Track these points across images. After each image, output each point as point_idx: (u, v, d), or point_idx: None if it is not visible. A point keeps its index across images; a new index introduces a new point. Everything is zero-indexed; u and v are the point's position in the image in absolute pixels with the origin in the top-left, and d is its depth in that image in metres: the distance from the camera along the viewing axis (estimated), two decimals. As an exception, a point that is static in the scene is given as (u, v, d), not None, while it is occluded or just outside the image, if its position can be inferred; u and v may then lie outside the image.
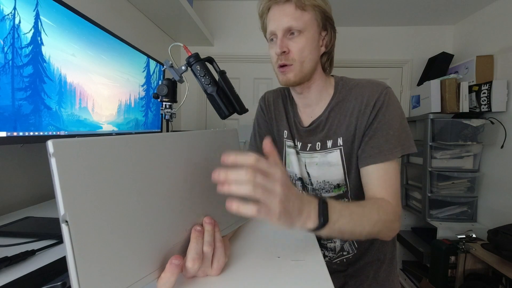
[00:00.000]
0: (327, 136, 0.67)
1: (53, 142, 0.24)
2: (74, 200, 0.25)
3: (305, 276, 0.38)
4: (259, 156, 0.36)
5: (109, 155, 0.28)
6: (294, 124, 0.75)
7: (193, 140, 0.39)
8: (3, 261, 0.39)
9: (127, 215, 0.29)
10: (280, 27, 0.62)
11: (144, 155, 0.32)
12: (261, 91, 2.17)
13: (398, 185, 0.60)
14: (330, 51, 0.68)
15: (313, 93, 0.69)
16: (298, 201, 0.40)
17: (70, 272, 0.24)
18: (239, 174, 0.34)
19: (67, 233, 0.24)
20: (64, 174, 0.24)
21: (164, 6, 1.43)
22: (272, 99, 0.83)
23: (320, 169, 0.69)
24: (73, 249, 0.24)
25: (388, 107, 0.61)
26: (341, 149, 0.65)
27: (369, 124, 0.62)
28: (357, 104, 0.63)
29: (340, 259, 0.73)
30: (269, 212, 0.36)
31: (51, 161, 0.24)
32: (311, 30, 0.62)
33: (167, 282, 0.31)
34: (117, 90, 0.99)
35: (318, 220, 0.41)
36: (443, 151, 1.82)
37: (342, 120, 0.65)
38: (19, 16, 0.59)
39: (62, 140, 0.24)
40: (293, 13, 0.60)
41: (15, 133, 0.60)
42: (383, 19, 2.12)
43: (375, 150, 0.60)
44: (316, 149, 0.69)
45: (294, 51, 0.62)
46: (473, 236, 1.64)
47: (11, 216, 0.64)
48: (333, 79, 0.71)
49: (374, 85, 0.63)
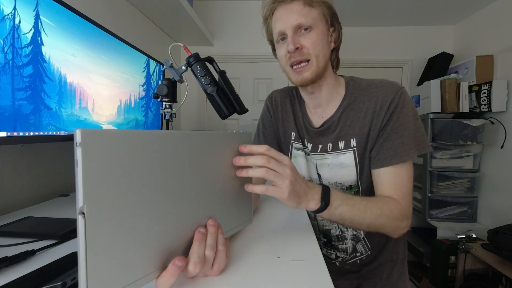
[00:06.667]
0: (339, 137, 0.67)
1: (81, 132, 0.23)
2: (94, 193, 0.25)
3: (305, 276, 0.38)
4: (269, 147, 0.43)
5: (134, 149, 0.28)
6: (303, 125, 0.74)
7: (210, 140, 0.39)
8: (3, 261, 0.39)
9: (141, 212, 0.29)
10: (289, 25, 0.60)
11: (164, 152, 0.32)
12: (261, 91, 2.17)
13: (410, 185, 0.60)
14: (338, 47, 0.68)
15: (324, 92, 0.68)
16: (305, 185, 0.47)
17: (80, 263, 0.24)
18: (256, 159, 0.42)
19: (82, 225, 0.24)
20: (88, 165, 0.24)
21: (164, 6, 1.43)
22: (280, 100, 0.81)
23: (332, 170, 0.68)
24: (86, 241, 0.24)
25: (403, 108, 0.60)
26: (355, 150, 0.65)
27: (383, 126, 0.61)
28: (372, 105, 0.62)
29: (353, 260, 0.73)
30: (281, 191, 0.43)
31: (76, 151, 0.24)
32: (320, 25, 0.62)
33: (167, 282, 0.32)
34: (117, 90, 0.99)
35: (320, 202, 0.48)
36: (443, 151, 1.82)
37: (355, 121, 0.65)
38: (19, 16, 0.59)
39: (90, 130, 0.24)
40: (301, 10, 0.60)
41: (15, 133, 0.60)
42: (383, 19, 2.12)
43: (391, 152, 0.59)
44: (328, 150, 0.68)
45: (307, 46, 0.61)
46: (473, 236, 1.64)
47: (11, 216, 0.64)
48: (343, 79, 0.70)
49: (388, 85, 0.63)
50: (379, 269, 0.72)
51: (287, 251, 0.45)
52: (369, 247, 0.71)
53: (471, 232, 1.66)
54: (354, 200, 0.53)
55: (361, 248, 0.71)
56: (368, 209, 0.53)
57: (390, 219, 0.55)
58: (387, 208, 0.55)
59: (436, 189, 1.82)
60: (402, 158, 0.59)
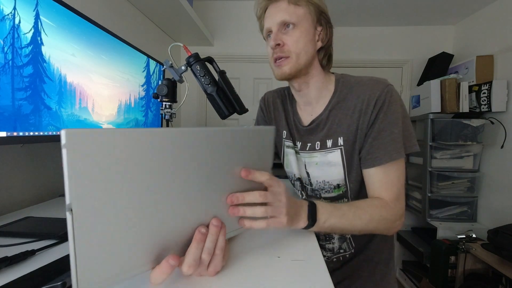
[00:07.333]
0: (327, 136, 0.67)
1: (66, 132, 0.24)
2: (81, 192, 0.25)
3: (305, 276, 0.38)
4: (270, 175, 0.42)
5: (120, 148, 0.28)
6: (293, 124, 0.75)
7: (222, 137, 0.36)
8: (3, 261, 0.39)
9: (132, 209, 0.29)
10: (274, 22, 0.63)
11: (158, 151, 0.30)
12: (261, 91, 2.17)
13: (401, 184, 0.61)
14: (327, 46, 0.68)
15: (312, 90, 0.69)
16: (295, 205, 0.48)
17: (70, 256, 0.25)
18: (254, 197, 0.41)
19: (70, 221, 0.25)
20: (73, 165, 0.25)
21: (164, 6, 1.43)
22: (272, 100, 0.83)
23: (320, 169, 0.69)
24: (74, 237, 0.25)
25: (390, 106, 0.60)
26: (342, 149, 0.65)
27: (371, 124, 0.61)
28: (359, 103, 0.62)
29: (337, 257, 0.73)
30: (279, 221, 0.44)
31: (62, 151, 0.24)
32: (305, 24, 0.63)
33: (159, 277, 0.32)
34: (117, 90, 0.99)
35: (307, 220, 0.49)
36: (443, 151, 1.82)
37: (342, 119, 0.65)
38: (19, 16, 0.59)
39: (74, 131, 0.24)
40: (287, 8, 0.62)
41: (15, 133, 0.60)
42: (383, 19, 2.12)
43: (381, 151, 0.59)
44: (316, 149, 0.69)
45: (289, 43, 0.63)
46: (473, 236, 1.64)
47: (11, 216, 0.64)
48: (334, 76, 0.70)
49: (375, 82, 0.62)
50: (359, 267, 0.72)
51: (287, 251, 0.46)
52: (353, 245, 0.71)
53: (471, 232, 1.66)
54: (343, 210, 0.53)
55: (346, 246, 0.72)
56: (357, 216, 0.54)
57: (380, 222, 0.56)
58: (376, 213, 0.56)
59: (436, 189, 1.82)
60: (392, 157, 0.58)
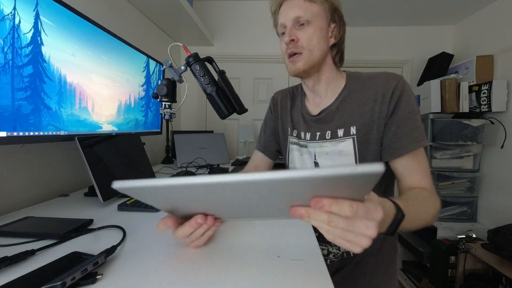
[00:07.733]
0: (339, 125, 0.67)
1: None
2: None
3: (305, 276, 0.38)
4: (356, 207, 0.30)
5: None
6: (301, 115, 0.76)
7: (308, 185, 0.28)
8: (3, 261, 0.39)
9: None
10: (289, 18, 0.65)
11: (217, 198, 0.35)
12: (261, 91, 2.17)
13: (429, 169, 0.62)
14: (339, 43, 0.70)
15: (323, 85, 0.70)
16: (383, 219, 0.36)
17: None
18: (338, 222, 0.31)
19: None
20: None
21: (164, 6, 1.43)
22: (280, 98, 0.85)
23: (330, 158, 0.69)
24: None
25: (409, 95, 0.61)
26: (354, 138, 0.65)
27: (390, 113, 0.62)
28: (372, 93, 0.64)
29: (341, 256, 0.73)
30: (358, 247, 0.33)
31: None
32: (319, 20, 0.64)
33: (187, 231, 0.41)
34: (117, 90, 0.99)
35: (384, 230, 0.42)
36: (443, 151, 1.81)
37: (355, 109, 0.66)
38: (19, 16, 0.59)
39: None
40: (301, 5, 0.63)
41: (15, 133, 0.60)
42: (383, 19, 2.12)
43: (408, 138, 0.60)
44: (326, 138, 0.69)
45: (302, 39, 0.64)
46: (473, 236, 1.64)
47: (11, 216, 0.64)
48: (345, 74, 0.72)
49: (388, 74, 0.64)
50: (361, 267, 0.72)
51: (287, 250, 0.45)
52: None
53: (471, 232, 1.66)
54: (417, 213, 0.49)
55: None
56: (426, 213, 0.51)
57: (438, 214, 0.55)
58: (437, 205, 0.55)
59: (436, 189, 1.82)
60: (420, 143, 0.59)
